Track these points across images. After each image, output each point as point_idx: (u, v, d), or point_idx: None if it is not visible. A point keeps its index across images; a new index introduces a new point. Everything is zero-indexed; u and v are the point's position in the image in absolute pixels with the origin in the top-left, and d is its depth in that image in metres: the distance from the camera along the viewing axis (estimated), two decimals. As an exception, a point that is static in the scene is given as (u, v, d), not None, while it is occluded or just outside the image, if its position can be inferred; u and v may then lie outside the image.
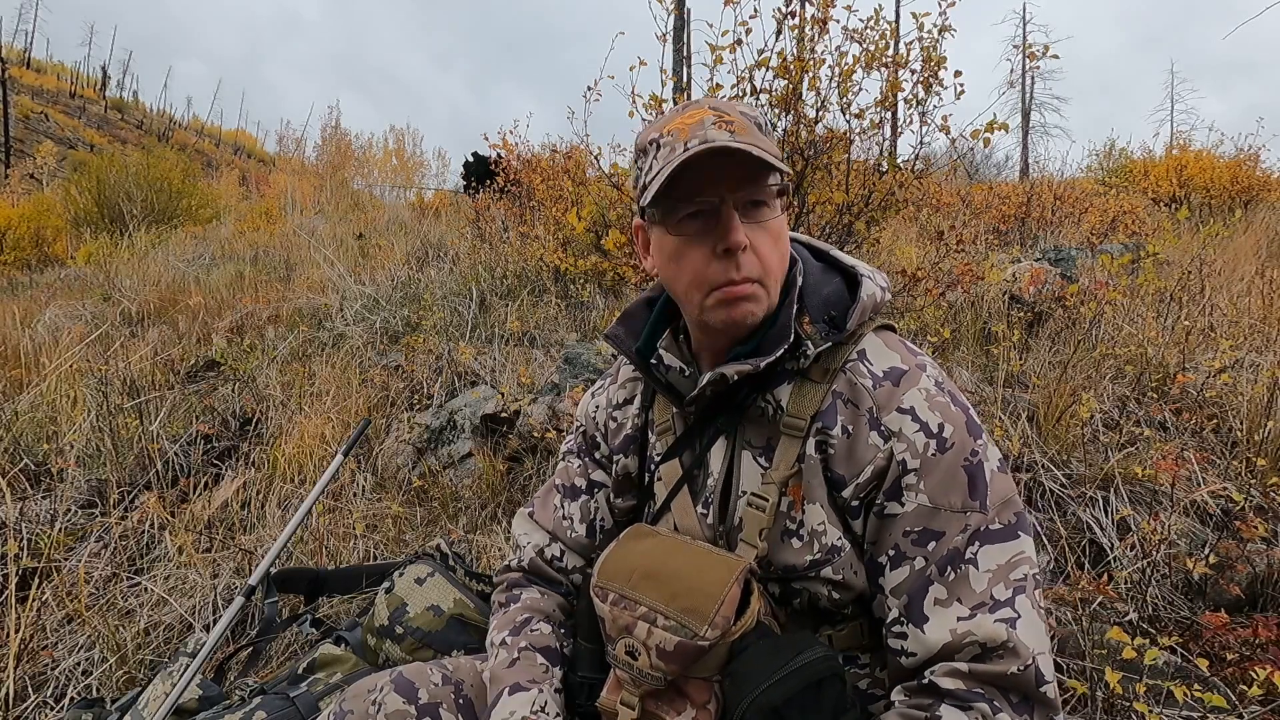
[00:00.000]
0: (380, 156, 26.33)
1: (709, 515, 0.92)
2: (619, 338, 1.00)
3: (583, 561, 1.05)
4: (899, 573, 0.80)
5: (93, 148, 29.07)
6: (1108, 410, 2.53)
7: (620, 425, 1.05)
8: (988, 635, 0.74)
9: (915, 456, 0.80)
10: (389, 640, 1.53)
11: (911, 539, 0.80)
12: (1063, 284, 3.50)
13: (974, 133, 3.03)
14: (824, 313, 0.87)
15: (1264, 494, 2.00)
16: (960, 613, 0.76)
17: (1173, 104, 34.22)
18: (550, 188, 5.78)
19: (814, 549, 0.85)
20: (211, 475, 2.79)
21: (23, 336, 4.49)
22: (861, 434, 0.83)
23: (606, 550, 0.90)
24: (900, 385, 0.84)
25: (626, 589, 0.82)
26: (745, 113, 0.88)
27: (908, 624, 0.79)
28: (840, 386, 0.86)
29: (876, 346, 0.88)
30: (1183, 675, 1.46)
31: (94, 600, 2.03)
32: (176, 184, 11.88)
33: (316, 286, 5.75)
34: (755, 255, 0.83)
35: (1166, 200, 8.71)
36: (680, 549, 0.86)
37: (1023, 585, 0.77)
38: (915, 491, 0.80)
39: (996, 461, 0.82)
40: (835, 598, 0.86)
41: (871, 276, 0.90)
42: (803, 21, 3.11)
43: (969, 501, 0.79)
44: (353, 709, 0.89)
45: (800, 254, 0.94)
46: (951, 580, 0.77)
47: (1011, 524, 0.79)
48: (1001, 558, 0.77)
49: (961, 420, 0.82)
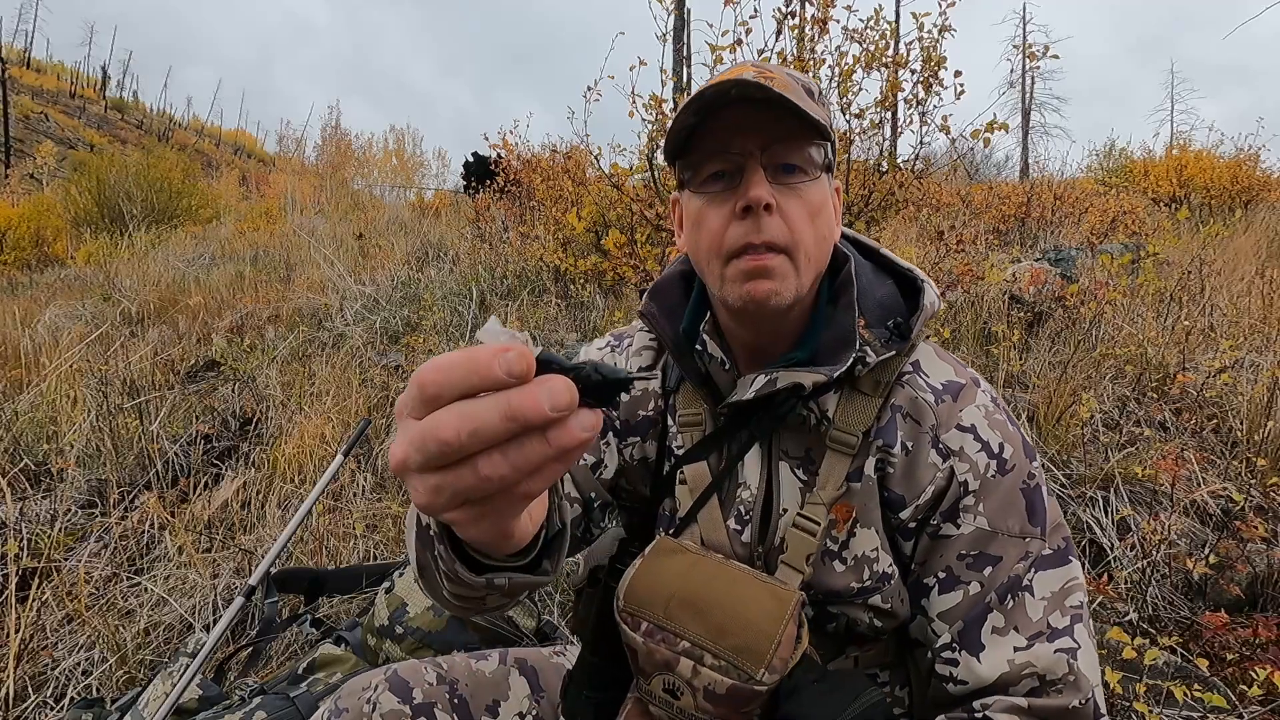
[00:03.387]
0: (380, 156, 26.35)
1: (744, 532, 0.84)
2: (654, 317, 0.89)
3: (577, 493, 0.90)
4: (950, 597, 0.76)
5: (93, 148, 29.08)
6: (1108, 410, 2.53)
7: (637, 400, 0.94)
8: (1047, 667, 0.71)
9: (976, 477, 0.76)
10: (389, 640, 1.53)
11: (966, 563, 0.75)
12: (1063, 284, 3.50)
13: (974, 133, 3.03)
14: (882, 318, 0.80)
15: (1264, 494, 2.00)
16: (1017, 642, 0.72)
17: (1173, 104, 34.23)
18: (550, 188, 5.78)
19: (863, 575, 0.79)
20: (211, 475, 2.79)
21: (23, 336, 4.48)
22: (922, 452, 0.77)
23: (632, 568, 0.80)
24: (959, 400, 0.79)
25: (663, 619, 0.74)
26: (794, 75, 0.79)
27: (960, 651, 0.74)
28: (899, 400, 0.79)
29: (929, 357, 0.83)
30: (1183, 675, 1.46)
31: (94, 600, 2.03)
32: (176, 184, 11.89)
33: (316, 286, 5.75)
34: (783, 221, 0.74)
35: (1166, 200, 8.72)
36: (721, 574, 0.77)
37: (1080, 614, 0.74)
38: (974, 514, 0.76)
39: (1045, 484, 0.79)
40: (877, 625, 0.80)
41: (929, 282, 0.84)
42: (803, 21, 3.12)
43: (1028, 527, 0.75)
44: (347, 707, 0.86)
45: (848, 250, 0.86)
46: (1010, 609, 0.73)
47: (1062, 549, 0.76)
48: (1055, 584, 0.74)
49: (1019, 441, 0.78)
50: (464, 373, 0.33)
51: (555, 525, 0.56)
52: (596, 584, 0.87)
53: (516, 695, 0.92)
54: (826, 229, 0.79)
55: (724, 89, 0.71)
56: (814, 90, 0.79)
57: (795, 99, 0.71)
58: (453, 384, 0.34)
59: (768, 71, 0.74)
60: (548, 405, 0.33)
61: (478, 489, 0.35)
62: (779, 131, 0.74)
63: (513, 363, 0.33)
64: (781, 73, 0.76)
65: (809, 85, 0.79)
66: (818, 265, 0.78)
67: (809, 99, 0.75)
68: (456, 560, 0.52)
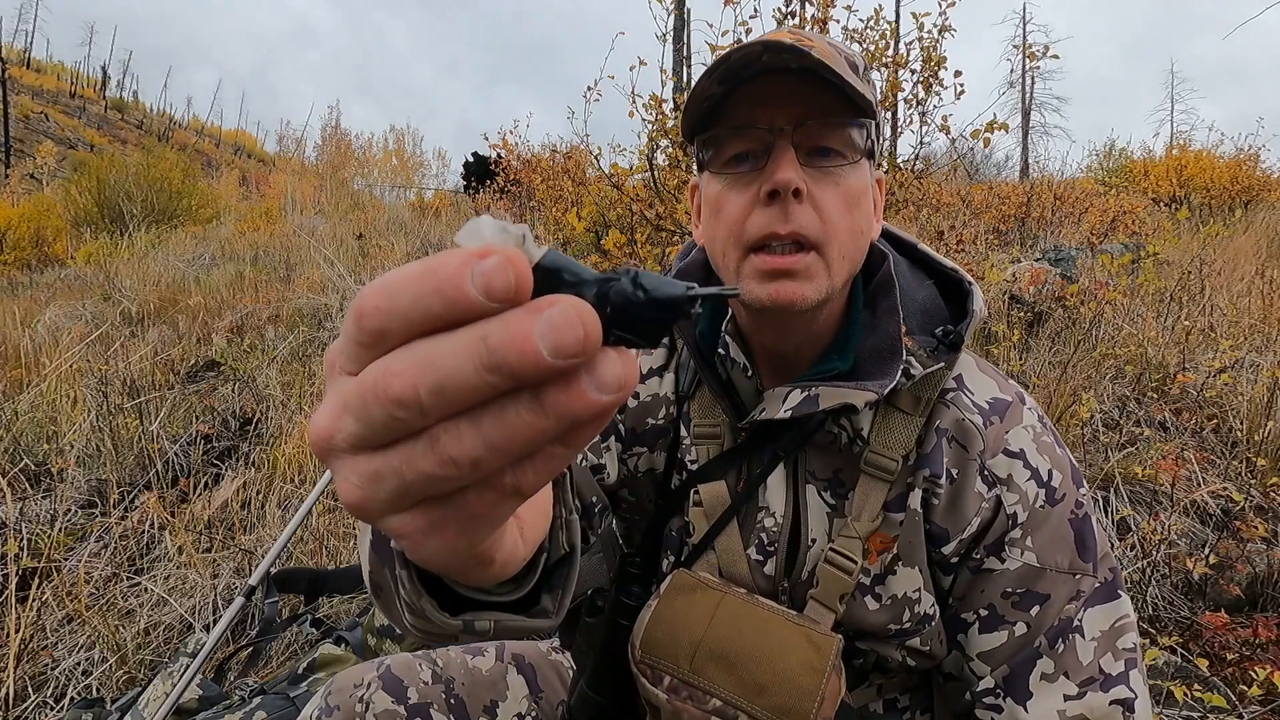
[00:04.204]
0: (380, 156, 26.37)
1: (766, 564, 0.75)
2: None
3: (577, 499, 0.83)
4: (993, 637, 0.69)
5: (93, 148, 29.09)
6: (1108, 410, 2.53)
7: (646, 405, 0.83)
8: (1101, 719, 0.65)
9: (1025, 509, 0.68)
10: (389, 640, 1.53)
11: (1012, 601, 0.69)
12: (1063, 284, 3.50)
13: (974, 133, 3.03)
14: (925, 325, 0.71)
15: (1264, 494, 2.01)
16: (1068, 690, 0.66)
17: (1173, 104, 34.18)
18: (550, 188, 5.79)
19: (902, 617, 0.71)
20: (211, 475, 2.79)
21: (23, 336, 4.49)
22: (969, 481, 0.69)
23: (649, 610, 0.71)
24: (1006, 421, 0.71)
25: (690, 674, 0.66)
26: (838, 45, 0.69)
27: (1005, 698, 0.68)
28: (945, 423, 0.70)
29: (971, 369, 0.74)
30: (1183, 675, 1.46)
31: (94, 600, 2.03)
32: (176, 184, 11.89)
33: (316, 286, 5.76)
34: (814, 210, 0.65)
35: (1166, 200, 8.72)
36: (750, 617, 0.69)
37: (1134, 658, 0.68)
38: (1020, 548, 0.68)
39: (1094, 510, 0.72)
40: (910, 664, 0.74)
41: (975, 284, 0.74)
42: (803, 21, 3.12)
43: (1078, 561, 0.68)
44: (339, 704, 0.81)
45: (885, 247, 0.77)
46: (1060, 653, 0.67)
47: (1110, 581, 0.70)
48: (1105, 622, 0.68)
49: (1067, 466, 0.71)
50: (418, 293, 0.21)
51: (561, 548, 0.41)
52: (596, 611, 0.76)
53: (515, 695, 0.90)
54: (865, 222, 0.69)
55: (752, 53, 0.62)
56: (859, 65, 0.69)
57: (837, 69, 0.62)
58: (402, 312, 0.21)
59: (806, 39, 0.64)
60: (546, 345, 0.20)
61: (435, 479, 0.22)
62: (815, 107, 0.64)
63: (492, 274, 0.20)
64: (822, 41, 0.66)
65: (853, 58, 0.69)
66: (852, 263, 0.69)
67: (853, 73, 0.65)
68: (423, 594, 0.37)
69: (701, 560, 0.77)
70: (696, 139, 0.71)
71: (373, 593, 0.49)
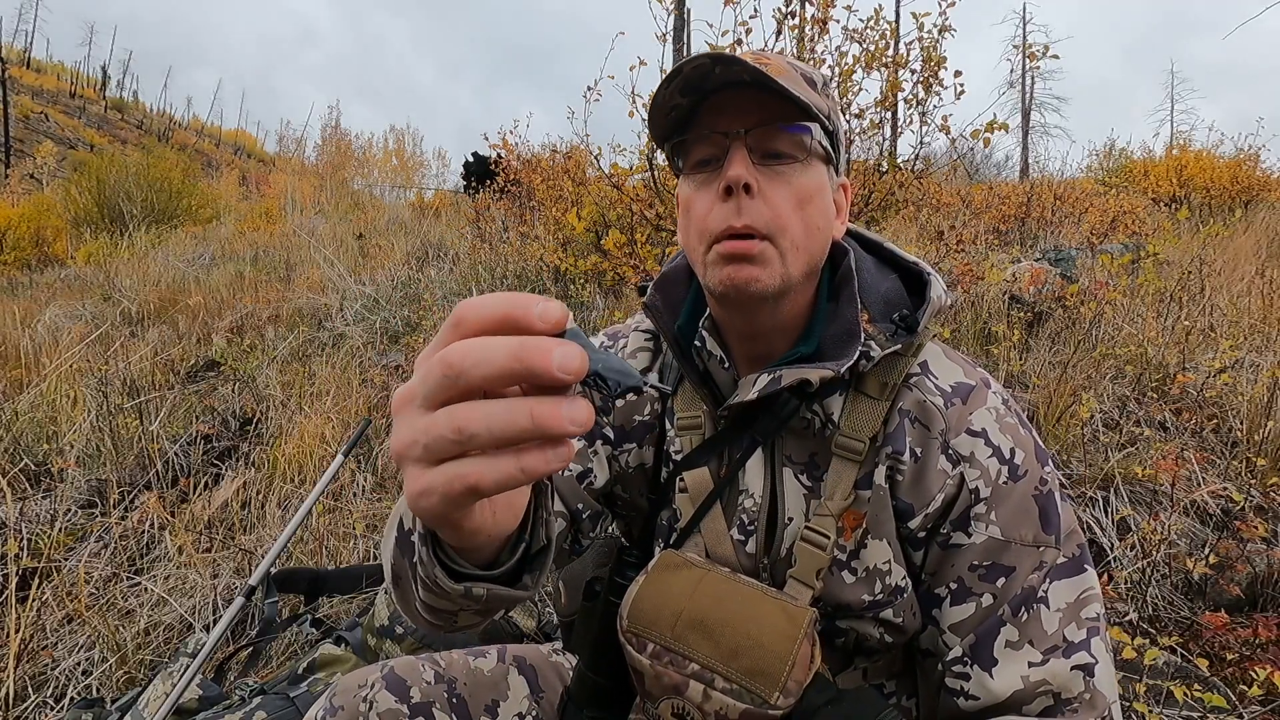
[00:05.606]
0: (380, 156, 26.37)
1: (748, 543, 0.81)
2: (658, 310, 0.85)
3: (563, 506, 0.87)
4: (962, 609, 0.73)
5: (93, 148, 29.09)
6: (1108, 410, 2.53)
7: (632, 404, 0.90)
8: (1063, 684, 0.69)
9: (988, 484, 0.73)
10: (389, 640, 1.53)
11: (978, 573, 0.73)
12: (1063, 284, 3.50)
13: (974, 133, 3.03)
14: (886, 312, 0.77)
15: (1264, 494, 2.01)
16: (1032, 657, 0.70)
17: (1173, 104, 34.18)
18: (550, 188, 5.78)
19: (875, 589, 0.76)
20: (211, 475, 2.79)
21: (23, 336, 4.49)
22: (932, 458, 0.74)
23: (636, 585, 0.77)
24: (969, 403, 0.76)
25: (671, 640, 0.71)
26: (796, 64, 0.75)
27: (972, 665, 0.72)
28: (907, 404, 0.76)
29: (937, 356, 0.79)
30: (1183, 675, 1.46)
31: (94, 600, 2.03)
32: (176, 184, 11.90)
33: (316, 286, 5.76)
34: (765, 205, 0.71)
35: (1166, 200, 8.72)
36: (730, 590, 0.74)
37: (1096, 626, 0.71)
38: (985, 523, 0.73)
39: (1059, 489, 0.76)
40: (887, 640, 0.78)
41: (935, 275, 0.80)
42: (803, 21, 3.12)
43: (1042, 535, 0.73)
44: (343, 705, 0.83)
45: (849, 244, 0.83)
46: (1024, 621, 0.71)
47: (1077, 556, 0.73)
48: (1070, 594, 0.72)
49: (1031, 445, 0.75)
50: (501, 304, 0.33)
51: (540, 540, 0.52)
52: (594, 598, 0.82)
53: (516, 695, 0.91)
54: (820, 219, 0.75)
55: (704, 65, 0.69)
56: (816, 80, 0.76)
57: (787, 83, 0.68)
58: (483, 317, 0.33)
59: (764, 58, 0.72)
60: (556, 361, 0.31)
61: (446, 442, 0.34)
62: (766, 114, 0.72)
63: (549, 310, 0.33)
64: (780, 60, 0.74)
65: (811, 75, 0.76)
66: (808, 256, 0.75)
67: (808, 86, 0.73)
68: (437, 564, 0.49)
69: (689, 543, 0.83)
70: (667, 145, 0.78)
71: (392, 583, 0.60)
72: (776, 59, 0.74)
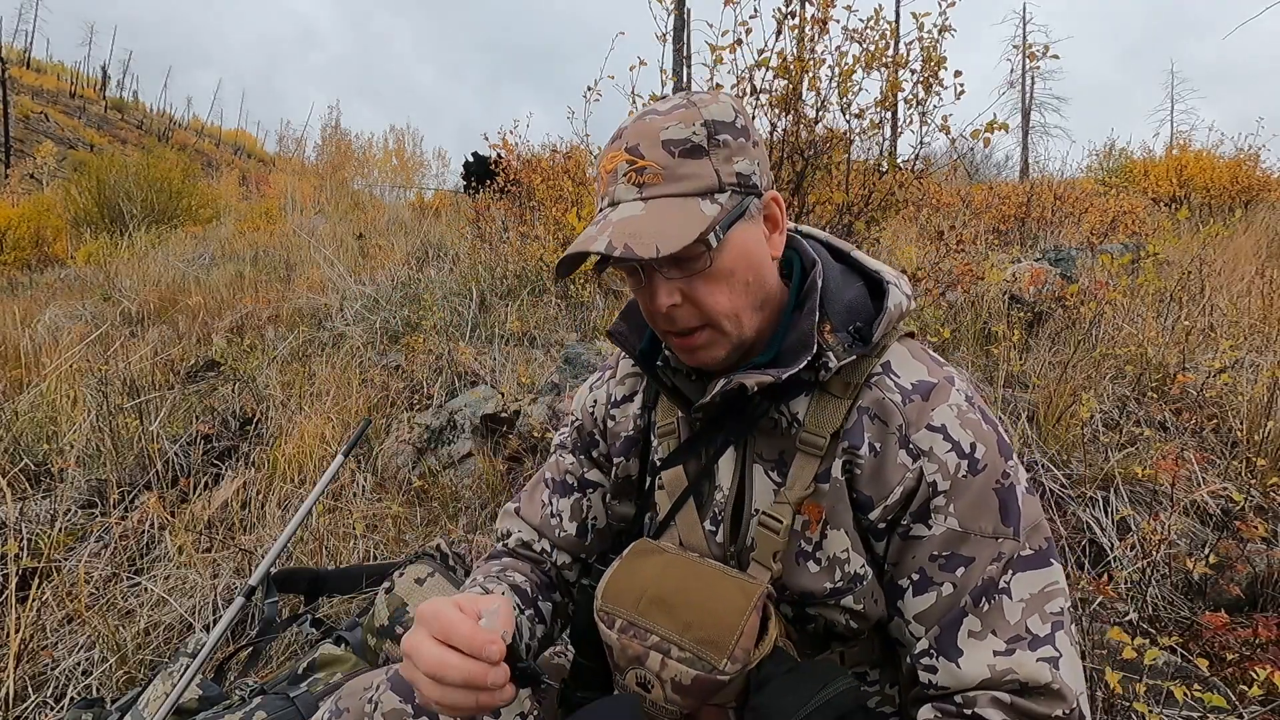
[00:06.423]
0: (380, 156, 26.32)
1: (718, 533, 0.87)
2: (623, 335, 0.93)
3: (570, 559, 1.00)
4: (924, 599, 0.76)
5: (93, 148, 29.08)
6: (1108, 410, 2.53)
7: (620, 425, 0.98)
8: (1029, 676, 0.71)
9: (946, 478, 0.76)
10: (389, 640, 1.53)
11: (939, 564, 0.76)
12: (1063, 284, 3.50)
13: (974, 133, 3.02)
14: (847, 321, 0.81)
15: (1264, 494, 2.00)
16: (996, 646, 0.72)
17: (1173, 104, 34.15)
18: (550, 188, 5.77)
19: (835, 576, 0.80)
20: (211, 475, 2.79)
21: (23, 336, 4.49)
22: (890, 453, 0.77)
23: (610, 569, 0.83)
24: (930, 400, 0.78)
25: (635, 616, 0.77)
26: (672, 139, 0.75)
27: (939, 657, 0.75)
28: (866, 402, 0.80)
29: (901, 357, 0.82)
30: (1183, 675, 1.46)
31: (94, 600, 2.03)
32: (176, 184, 11.88)
33: (316, 286, 5.75)
34: (694, 306, 0.77)
35: (1166, 200, 8.72)
36: (691, 570, 0.80)
37: (1060, 620, 0.73)
38: (944, 514, 0.76)
39: (1025, 483, 0.78)
40: (853, 626, 0.82)
41: (897, 284, 0.84)
42: (803, 21, 3.11)
43: (1000, 527, 0.75)
44: (349, 707, 0.86)
45: (819, 254, 0.87)
46: (986, 611, 0.73)
47: (1042, 550, 0.76)
48: (1034, 587, 0.74)
49: (993, 440, 0.78)
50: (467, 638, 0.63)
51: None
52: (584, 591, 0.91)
53: (518, 695, 0.92)
54: (752, 273, 0.79)
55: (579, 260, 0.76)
56: (697, 144, 0.75)
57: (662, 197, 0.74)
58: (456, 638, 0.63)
59: (639, 161, 0.74)
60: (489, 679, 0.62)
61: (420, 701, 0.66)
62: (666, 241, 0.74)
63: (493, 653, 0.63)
64: (656, 146, 0.74)
65: (689, 141, 0.75)
66: (753, 312, 0.80)
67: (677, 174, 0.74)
68: None
69: (666, 534, 0.91)
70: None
71: None
72: (654, 158, 0.74)
